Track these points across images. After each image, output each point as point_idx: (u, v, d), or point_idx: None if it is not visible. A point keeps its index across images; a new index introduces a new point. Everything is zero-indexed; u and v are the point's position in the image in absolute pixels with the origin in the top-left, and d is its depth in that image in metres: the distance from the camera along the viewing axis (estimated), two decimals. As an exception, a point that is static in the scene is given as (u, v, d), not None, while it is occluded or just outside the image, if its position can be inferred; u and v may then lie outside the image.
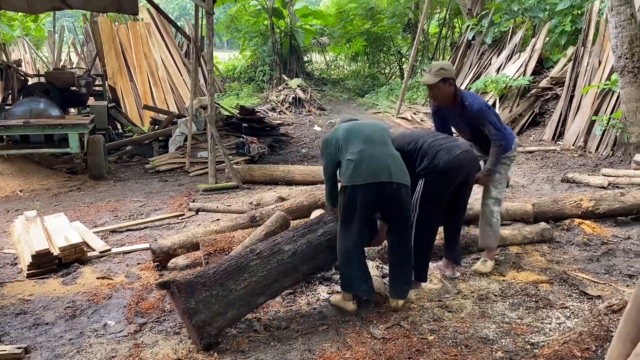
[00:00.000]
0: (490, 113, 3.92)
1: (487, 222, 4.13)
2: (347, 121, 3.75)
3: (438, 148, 3.61)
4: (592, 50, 9.17)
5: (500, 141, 3.87)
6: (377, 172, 3.31)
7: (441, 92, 3.93)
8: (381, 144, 3.48)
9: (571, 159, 7.99)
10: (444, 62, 4.12)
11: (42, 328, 3.46)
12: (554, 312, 3.47)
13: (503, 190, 4.18)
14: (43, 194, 6.89)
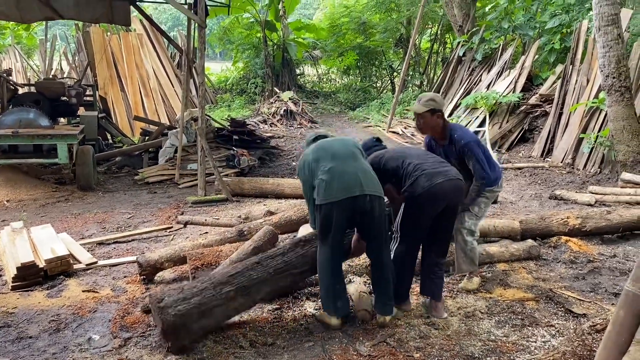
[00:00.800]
0: (478, 149, 3.91)
1: (461, 249, 4.12)
2: (314, 139, 3.77)
3: (421, 173, 3.53)
4: (580, 68, 9.30)
5: (482, 179, 3.89)
6: (349, 187, 3.32)
7: (428, 122, 3.94)
8: (350, 159, 3.49)
9: (559, 176, 8.06)
10: (434, 94, 4.08)
11: (25, 342, 3.42)
12: (539, 330, 3.48)
13: (478, 223, 4.16)
14: (30, 204, 6.84)
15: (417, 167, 3.54)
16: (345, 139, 3.85)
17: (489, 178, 3.93)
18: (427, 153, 3.90)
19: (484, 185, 3.93)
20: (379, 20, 19.55)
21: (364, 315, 3.58)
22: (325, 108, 17.59)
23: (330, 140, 3.77)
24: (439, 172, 3.53)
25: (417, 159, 3.65)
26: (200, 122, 6.86)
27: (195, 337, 3.22)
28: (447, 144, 4.00)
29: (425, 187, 3.44)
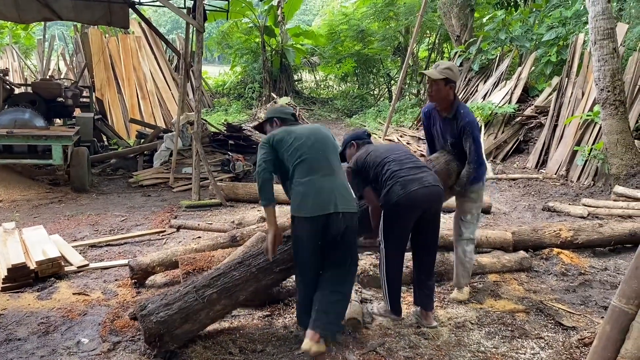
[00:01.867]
0: (478, 133, 3.87)
1: (460, 261, 4.07)
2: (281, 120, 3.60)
3: (396, 180, 3.44)
4: (576, 81, 9.36)
5: (474, 164, 3.83)
6: (325, 205, 3.19)
7: (440, 91, 3.82)
8: (328, 170, 3.32)
9: (553, 188, 8.09)
10: (452, 63, 3.91)
11: (13, 344, 3.40)
12: (529, 342, 3.49)
13: (475, 229, 4.10)
14: (23, 204, 6.81)
15: (393, 175, 3.46)
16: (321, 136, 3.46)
17: (480, 165, 3.89)
18: (407, 155, 3.66)
19: (474, 171, 3.85)
20: (378, 29, 19.65)
21: (354, 324, 3.58)
22: (322, 114, 17.64)
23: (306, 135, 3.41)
24: (414, 179, 3.44)
25: (395, 164, 3.53)
26: (196, 126, 6.87)
27: (181, 342, 3.20)
28: (450, 118, 3.89)
29: (400, 194, 3.38)
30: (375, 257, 4.39)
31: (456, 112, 3.84)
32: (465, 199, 4.01)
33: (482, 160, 3.92)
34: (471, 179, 3.89)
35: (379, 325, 3.66)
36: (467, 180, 3.87)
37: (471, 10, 14.03)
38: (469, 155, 3.82)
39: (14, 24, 16.99)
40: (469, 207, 4.01)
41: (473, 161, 3.82)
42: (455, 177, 3.94)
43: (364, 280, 4.18)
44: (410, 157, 3.65)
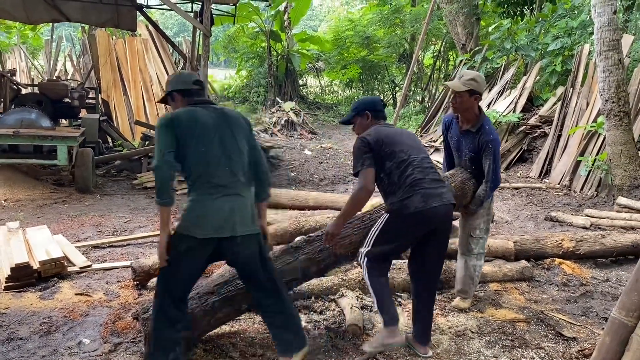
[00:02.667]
0: (499, 152, 3.73)
1: (469, 275, 3.97)
2: (189, 94, 3.08)
3: (418, 190, 3.17)
4: (580, 91, 9.37)
5: (492, 183, 3.71)
6: (220, 226, 2.84)
7: (464, 103, 3.66)
8: (233, 184, 2.91)
9: (556, 198, 8.09)
10: (477, 73, 3.69)
11: (15, 343, 3.41)
12: (529, 352, 3.49)
13: (485, 243, 4.00)
14: (28, 204, 6.85)
15: (416, 183, 3.19)
16: (228, 135, 2.96)
17: (497, 185, 3.78)
18: (428, 161, 3.34)
19: (491, 190, 3.74)
20: (383, 35, 19.72)
21: (355, 330, 3.58)
22: (327, 120, 17.68)
23: (211, 129, 2.92)
24: (437, 193, 3.21)
25: (419, 171, 3.23)
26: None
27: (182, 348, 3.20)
28: (472, 132, 3.71)
29: (419, 208, 3.13)
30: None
31: (480, 127, 3.68)
32: (475, 214, 3.91)
33: (498, 181, 3.79)
34: (489, 195, 3.77)
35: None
36: (483, 200, 3.77)
37: (477, 19, 14.07)
38: (487, 174, 3.69)
39: (22, 25, 17.11)
40: (477, 222, 3.91)
41: (491, 180, 3.69)
42: (471, 197, 3.81)
43: (365, 287, 4.18)
44: (431, 165, 3.37)
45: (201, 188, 2.85)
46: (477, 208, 3.80)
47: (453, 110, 3.81)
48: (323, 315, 3.87)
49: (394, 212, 3.22)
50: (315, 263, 3.47)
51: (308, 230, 4.82)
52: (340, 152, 11.75)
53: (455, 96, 3.69)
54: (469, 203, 3.83)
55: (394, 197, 3.22)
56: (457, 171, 3.91)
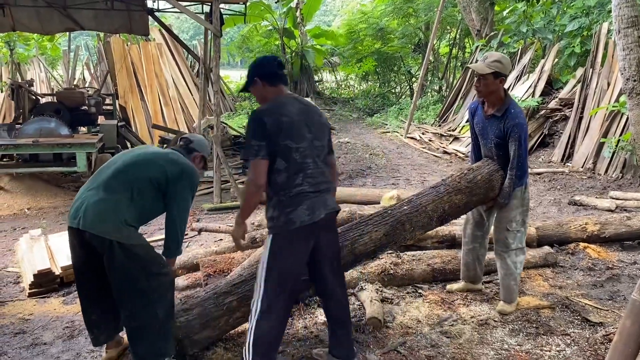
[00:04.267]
0: (525, 136, 3.52)
1: (510, 274, 3.71)
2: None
3: (303, 199, 2.71)
4: (600, 71, 9.15)
5: (518, 170, 3.51)
6: (74, 215, 2.87)
7: (489, 86, 3.48)
8: (108, 178, 2.93)
9: (579, 181, 7.92)
10: (502, 55, 3.49)
11: (39, 348, 3.47)
12: (554, 339, 3.41)
13: (523, 237, 3.74)
14: (50, 212, 6.95)
15: (300, 190, 2.71)
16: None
17: (524, 172, 3.57)
18: (323, 158, 2.88)
19: (518, 178, 3.54)
20: (397, 26, 19.54)
21: (375, 323, 3.55)
22: (344, 114, 17.61)
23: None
24: (321, 199, 2.78)
25: (311, 176, 2.75)
26: (216, 130, 6.92)
27: (201, 347, 3.20)
28: (498, 117, 3.52)
29: (305, 221, 2.68)
30: (396, 255, 4.35)
31: (506, 111, 3.49)
32: (508, 207, 3.67)
33: (525, 168, 3.58)
34: (516, 184, 3.58)
35: (400, 324, 3.62)
36: (511, 190, 3.57)
37: (491, 3, 13.83)
38: (512, 160, 3.50)
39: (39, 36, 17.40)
40: (512, 214, 3.65)
41: (516, 167, 3.50)
42: (499, 189, 3.64)
43: (385, 279, 4.15)
44: (325, 161, 2.90)
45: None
46: (506, 200, 3.62)
47: (478, 94, 3.63)
48: (343, 310, 3.83)
49: (277, 228, 2.73)
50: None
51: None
52: (357, 146, 11.67)
53: (480, 79, 3.51)
54: (497, 196, 3.67)
55: (274, 210, 2.74)
56: (484, 163, 3.75)
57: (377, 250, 3.50)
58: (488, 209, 3.79)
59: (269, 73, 2.85)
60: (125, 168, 2.97)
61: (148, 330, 2.90)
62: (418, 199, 3.61)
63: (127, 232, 2.85)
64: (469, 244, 3.96)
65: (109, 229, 2.79)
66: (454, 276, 4.24)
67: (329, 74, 23.01)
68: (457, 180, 3.64)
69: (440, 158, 10.50)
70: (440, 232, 4.73)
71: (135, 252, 2.85)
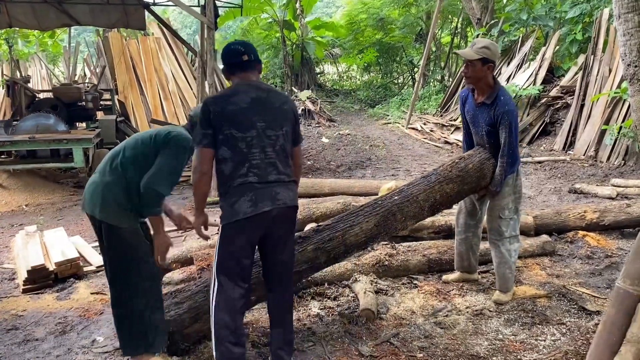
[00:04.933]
0: (516, 123, 3.48)
1: (505, 262, 3.68)
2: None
3: (247, 189, 2.65)
4: (602, 58, 9.05)
5: (508, 157, 3.48)
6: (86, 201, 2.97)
7: (477, 72, 3.44)
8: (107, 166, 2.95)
9: (581, 169, 7.84)
10: (490, 41, 3.44)
11: (31, 344, 3.45)
12: (549, 328, 3.37)
13: (517, 225, 3.71)
14: (48, 208, 6.95)
15: (245, 180, 2.65)
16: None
17: (515, 159, 3.54)
18: (276, 149, 2.75)
19: (509, 165, 3.51)
20: (398, 16, 19.41)
21: (368, 315, 3.51)
22: (345, 106, 17.55)
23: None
24: (267, 191, 2.68)
25: (257, 167, 2.68)
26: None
27: (192, 340, 3.19)
28: (488, 104, 3.50)
29: (248, 213, 2.62)
30: (391, 246, 4.31)
31: (495, 98, 3.46)
32: (500, 195, 3.64)
33: (516, 155, 3.54)
34: (507, 171, 3.54)
35: (394, 315, 3.59)
36: (502, 178, 3.54)
37: (492, -9, 13.72)
38: (502, 147, 3.47)
39: (40, 33, 17.38)
40: (504, 202, 3.62)
41: (507, 154, 3.47)
42: (490, 177, 3.61)
43: (379, 271, 4.11)
44: (280, 150, 2.77)
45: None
46: (498, 188, 3.58)
47: (466, 80, 3.58)
48: (337, 301, 3.81)
49: (222, 220, 2.73)
50: (324, 253, 3.38)
51: (319, 217, 4.76)
52: (358, 137, 11.62)
53: (468, 65, 3.48)
54: (489, 184, 3.63)
55: (222, 200, 2.74)
56: (475, 151, 3.72)
57: (368, 241, 3.45)
58: (480, 197, 3.74)
59: (227, 63, 2.84)
60: (118, 151, 2.97)
61: (130, 318, 2.93)
62: (409, 188, 3.56)
63: (115, 214, 2.85)
64: (462, 233, 3.92)
65: (97, 209, 2.85)
66: (450, 267, 4.19)
67: (330, 65, 22.90)
68: (449, 169, 3.59)
69: (442, 148, 10.43)
70: (436, 223, 4.69)
71: (121, 235, 2.86)
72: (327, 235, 3.40)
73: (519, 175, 3.65)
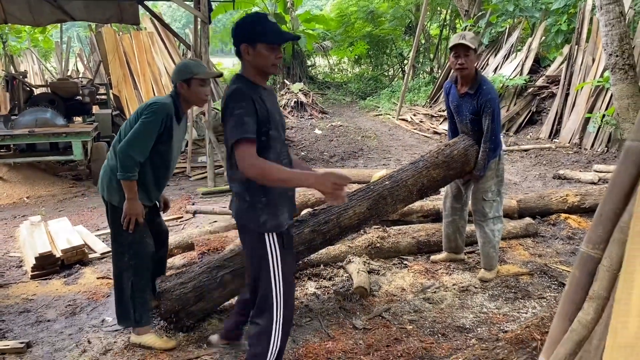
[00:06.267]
0: (498, 110, 3.68)
1: (489, 242, 3.90)
2: None
3: (288, 200, 2.55)
4: (586, 48, 9.29)
5: (491, 143, 3.69)
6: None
7: (473, 61, 3.60)
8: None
9: (565, 156, 8.10)
10: (473, 33, 3.75)
11: (43, 325, 3.64)
12: (531, 302, 3.61)
13: (500, 206, 3.92)
14: (49, 200, 7.12)
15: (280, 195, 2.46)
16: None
17: (497, 145, 3.74)
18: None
19: (492, 151, 3.72)
20: (387, 9, 19.57)
21: (362, 292, 3.74)
22: (337, 98, 17.73)
23: None
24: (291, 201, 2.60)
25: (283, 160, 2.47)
26: (207, 116, 7.06)
27: (196, 318, 3.38)
28: (471, 94, 3.68)
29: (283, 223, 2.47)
30: (382, 229, 4.54)
31: (478, 88, 3.65)
32: (483, 178, 3.84)
33: (498, 140, 3.75)
34: (490, 156, 3.74)
35: (386, 292, 3.82)
36: (485, 162, 3.74)
37: (479, -17, 13.93)
38: (485, 133, 3.67)
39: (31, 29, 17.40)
40: (487, 185, 3.84)
41: (489, 140, 3.66)
42: (474, 162, 3.81)
43: (372, 252, 4.33)
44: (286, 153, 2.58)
45: None
46: (481, 172, 3.79)
47: (461, 71, 3.66)
48: (332, 281, 4.03)
49: (271, 231, 2.48)
50: (320, 234, 3.59)
51: (314, 204, 4.98)
52: (350, 129, 11.83)
53: (465, 56, 3.58)
54: (473, 169, 3.85)
55: (263, 213, 2.46)
56: (460, 138, 3.94)
57: (361, 223, 3.66)
58: (465, 182, 3.97)
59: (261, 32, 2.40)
60: (117, 137, 3.20)
61: (119, 292, 3.29)
62: (399, 174, 3.78)
63: (112, 194, 3.16)
64: (448, 216, 4.15)
65: (104, 191, 3.21)
66: (438, 248, 4.43)
67: (321, 58, 23.05)
68: (435, 155, 3.82)
69: (431, 138, 10.66)
70: (425, 207, 4.93)
71: (118, 213, 3.15)
72: (322, 219, 3.61)
73: (501, 159, 3.87)
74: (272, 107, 2.40)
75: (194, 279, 3.41)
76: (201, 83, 3.09)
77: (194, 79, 3.06)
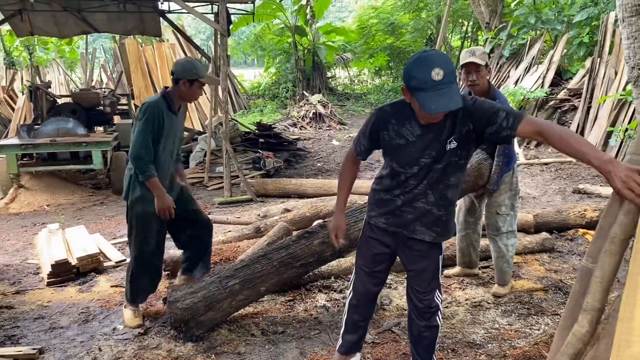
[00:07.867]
0: None
1: (503, 257, 3.85)
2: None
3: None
4: (608, 60, 9.17)
5: (505, 157, 3.61)
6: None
7: (484, 76, 3.56)
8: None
9: (586, 170, 7.96)
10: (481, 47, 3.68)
11: (57, 331, 3.69)
12: (544, 318, 3.54)
13: (514, 221, 3.86)
14: (68, 208, 7.24)
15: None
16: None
17: (511, 158, 3.67)
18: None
19: (506, 165, 3.64)
20: (408, 20, 19.57)
21: (371, 305, 3.70)
22: (356, 110, 17.74)
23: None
24: None
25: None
26: (225, 127, 7.13)
27: (206, 328, 3.40)
28: None
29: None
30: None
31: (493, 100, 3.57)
32: (497, 192, 3.78)
33: (512, 154, 3.69)
34: (503, 170, 3.66)
35: (396, 307, 3.78)
36: (498, 176, 3.67)
37: (500, -5, 13.86)
38: (499, 147, 3.60)
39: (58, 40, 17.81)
40: (501, 199, 3.78)
41: (503, 154, 3.60)
42: (488, 176, 3.72)
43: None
44: None
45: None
46: (495, 186, 3.73)
47: (473, 87, 3.59)
48: (342, 294, 4.00)
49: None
50: (330, 246, 3.55)
51: (326, 215, 4.98)
52: (368, 140, 11.80)
53: (475, 72, 3.54)
54: (486, 183, 3.78)
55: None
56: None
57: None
58: (479, 196, 3.92)
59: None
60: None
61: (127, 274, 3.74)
62: (411, 187, 3.74)
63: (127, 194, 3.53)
64: (462, 230, 4.10)
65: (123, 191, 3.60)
66: (452, 262, 4.38)
67: (341, 70, 23.12)
68: (448, 169, 3.77)
69: (450, 150, 10.57)
70: (439, 220, 4.87)
71: (133, 211, 3.54)
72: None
73: (514, 173, 3.82)
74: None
75: (204, 288, 3.43)
76: (201, 85, 3.44)
77: (198, 81, 3.38)
